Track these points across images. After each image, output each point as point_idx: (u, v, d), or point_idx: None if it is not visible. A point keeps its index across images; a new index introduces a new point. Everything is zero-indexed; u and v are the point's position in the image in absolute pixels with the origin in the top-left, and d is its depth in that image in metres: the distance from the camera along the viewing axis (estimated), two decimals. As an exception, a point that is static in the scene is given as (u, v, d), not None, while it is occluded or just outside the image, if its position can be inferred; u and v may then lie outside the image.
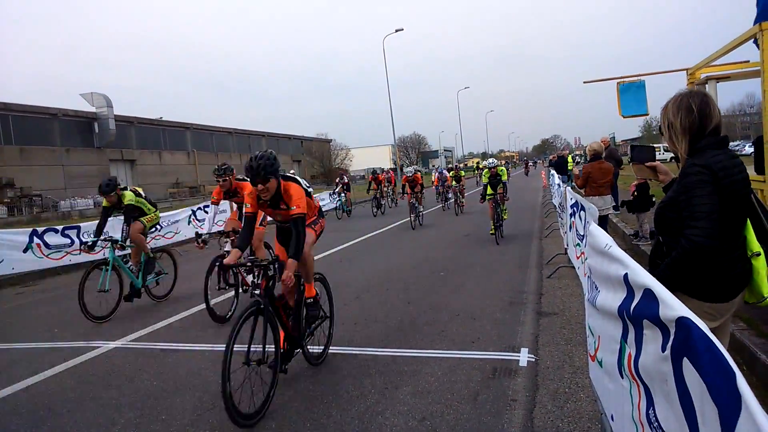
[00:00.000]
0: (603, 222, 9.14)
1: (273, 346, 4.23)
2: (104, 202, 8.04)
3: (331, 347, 5.27)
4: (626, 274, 2.14)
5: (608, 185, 8.71)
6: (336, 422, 3.78)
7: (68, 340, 6.45)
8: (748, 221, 2.46)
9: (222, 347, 5.59)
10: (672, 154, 2.64)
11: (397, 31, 43.82)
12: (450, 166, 18.27)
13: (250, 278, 5.48)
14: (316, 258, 11.00)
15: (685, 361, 1.51)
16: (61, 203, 39.99)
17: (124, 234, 7.94)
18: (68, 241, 11.77)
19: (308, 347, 4.86)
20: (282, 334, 4.45)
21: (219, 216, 13.14)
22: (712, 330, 2.36)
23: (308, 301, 4.85)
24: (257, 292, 4.15)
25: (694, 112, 2.45)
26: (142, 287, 7.98)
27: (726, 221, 2.37)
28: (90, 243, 7.72)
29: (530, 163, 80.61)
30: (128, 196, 8.16)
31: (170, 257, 9.01)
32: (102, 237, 7.73)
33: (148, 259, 8.20)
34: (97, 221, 8.10)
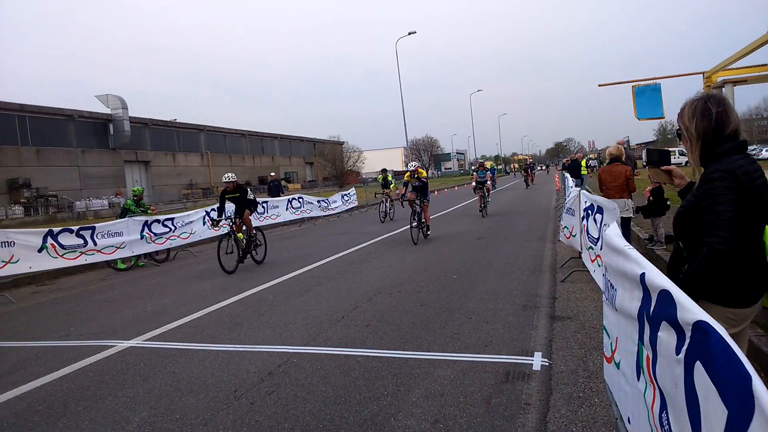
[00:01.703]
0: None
1: None
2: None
3: (343, 349, 5.35)
4: (643, 274, 2.13)
5: (620, 189, 8.64)
6: (348, 424, 3.79)
7: (83, 339, 6.52)
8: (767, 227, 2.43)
9: (234, 347, 5.65)
10: (687, 158, 2.62)
11: (410, 33, 43.93)
12: None
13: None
14: (329, 260, 11.06)
15: (698, 365, 1.50)
16: (77, 204, 40.47)
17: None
18: (82, 241, 11.87)
19: None
20: None
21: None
22: (733, 336, 2.35)
23: None
24: None
25: (711, 118, 2.41)
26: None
27: (748, 226, 2.35)
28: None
29: (537, 168, 64.05)
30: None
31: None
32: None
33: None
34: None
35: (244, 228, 11.31)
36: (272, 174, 26.33)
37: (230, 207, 11.86)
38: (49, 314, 8.37)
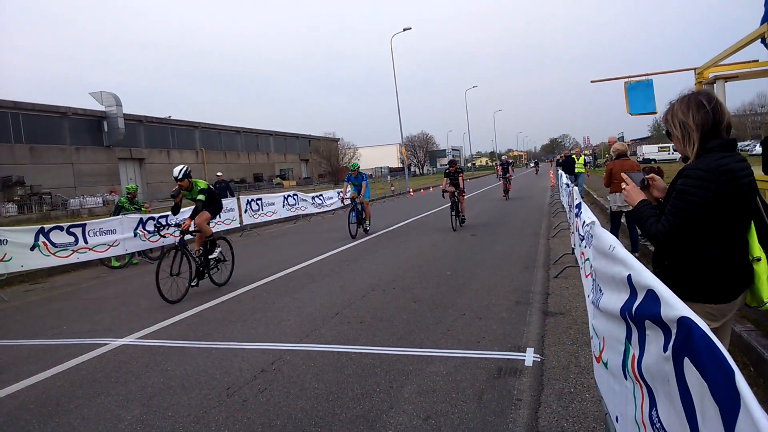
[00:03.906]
0: (620, 217, 9.11)
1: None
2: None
3: (336, 346, 5.35)
4: (630, 275, 2.14)
5: None
6: (341, 420, 3.80)
7: (76, 337, 6.50)
8: (753, 224, 2.44)
9: (228, 345, 5.65)
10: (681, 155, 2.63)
11: (405, 30, 43.80)
12: None
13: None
14: (323, 257, 11.05)
15: (686, 361, 1.51)
16: (71, 201, 40.28)
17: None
18: (73, 239, 11.80)
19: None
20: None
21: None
22: (714, 330, 2.37)
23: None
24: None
25: (706, 108, 2.41)
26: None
27: (729, 225, 2.37)
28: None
29: (531, 165, 49.96)
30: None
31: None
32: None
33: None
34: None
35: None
36: (219, 174, 21.92)
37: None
38: (42, 312, 8.34)
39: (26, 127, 42.19)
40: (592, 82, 9.49)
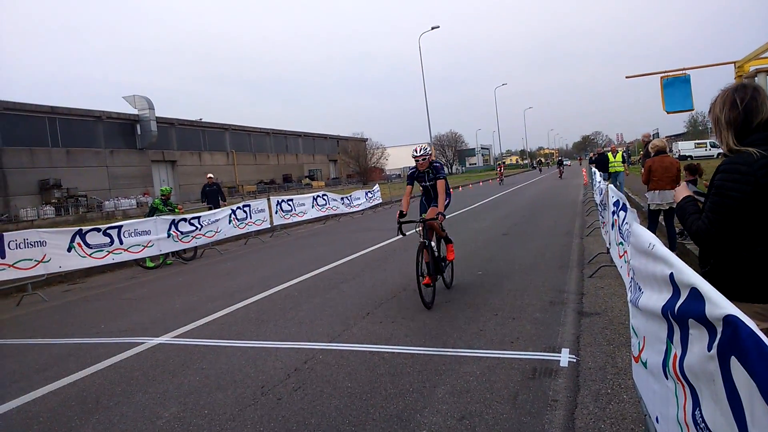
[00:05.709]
0: (658, 216, 8.91)
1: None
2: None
3: (368, 345, 5.38)
4: (672, 274, 2.10)
5: (670, 180, 8.49)
6: (374, 420, 3.80)
7: (114, 336, 6.65)
8: None
9: (261, 344, 5.71)
10: (719, 150, 2.60)
11: (433, 28, 43.68)
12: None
13: None
14: (354, 257, 11.09)
15: (733, 360, 1.48)
16: (106, 203, 41.21)
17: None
18: (108, 240, 12.04)
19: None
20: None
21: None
22: (765, 330, 2.30)
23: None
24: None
25: (738, 108, 2.40)
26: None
27: (745, 225, 2.32)
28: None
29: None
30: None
31: None
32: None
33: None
34: None
35: None
36: (210, 176, 18.89)
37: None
38: (80, 312, 8.55)
39: (62, 131, 43.24)
40: (627, 77, 9.34)
